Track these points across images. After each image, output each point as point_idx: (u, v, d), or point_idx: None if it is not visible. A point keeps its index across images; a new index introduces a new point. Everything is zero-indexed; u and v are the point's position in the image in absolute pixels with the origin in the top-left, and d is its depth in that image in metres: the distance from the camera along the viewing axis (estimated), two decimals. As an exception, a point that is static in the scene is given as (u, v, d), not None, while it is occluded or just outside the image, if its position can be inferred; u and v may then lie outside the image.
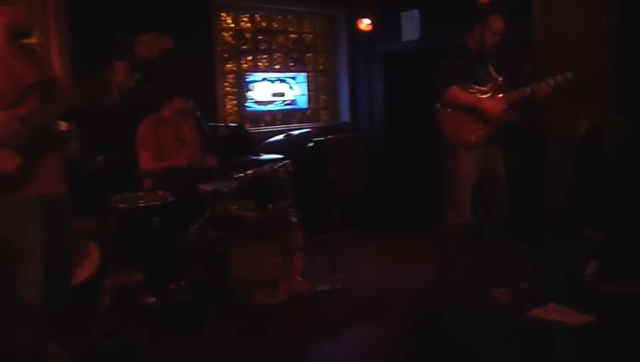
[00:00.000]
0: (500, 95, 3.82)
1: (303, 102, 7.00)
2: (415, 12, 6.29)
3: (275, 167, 4.31)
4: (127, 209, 3.79)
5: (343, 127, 7.15)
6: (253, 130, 6.43)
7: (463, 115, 3.82)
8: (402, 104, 6.53)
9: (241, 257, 3.71)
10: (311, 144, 5.96)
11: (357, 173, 6.11)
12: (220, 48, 6.16)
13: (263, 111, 6.66)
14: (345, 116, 7.30)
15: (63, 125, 2.81)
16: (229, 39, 6.32)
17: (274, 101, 6.72)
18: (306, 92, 6.98)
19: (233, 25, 6.35)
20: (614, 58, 5.12)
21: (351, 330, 3.35)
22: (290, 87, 6.86)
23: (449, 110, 3.86)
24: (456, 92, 3.80)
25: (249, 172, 4.24)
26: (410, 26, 6.39)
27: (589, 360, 2.77)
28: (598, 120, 5.13)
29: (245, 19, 6.47)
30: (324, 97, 7.35)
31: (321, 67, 7.27)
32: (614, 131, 4.94)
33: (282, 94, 6.78)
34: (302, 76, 6.96)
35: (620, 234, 3.95)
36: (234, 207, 4.05)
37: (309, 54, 7.14)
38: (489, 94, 3.83)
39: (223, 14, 6.24)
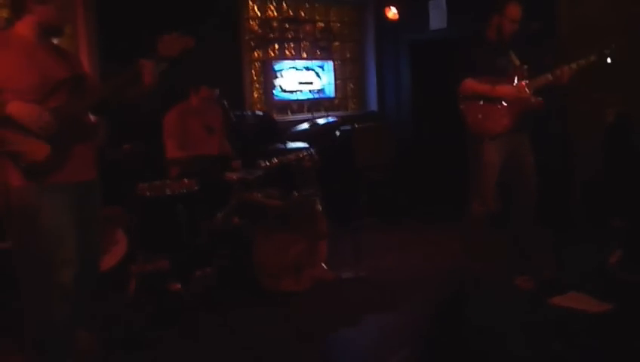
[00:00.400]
0: (524, 82, 3.78)
1: (330, 91, 7.00)
2: (442, 0, 6.23)
3: (301, 155, 4.34)
4: (153, 197, 3.86)
5: (371, 116, 7.15)
6: (281, 118, 6.46)
7: (486, 105, 3.80)
8: (429, 93, 6.49)
9: (265, 245, 3.76)
10: (338, 133, 5.98)
11: (383, 161, 6.15)
12: (246, 37, 6.20)
13: (290, 99, 6.68)
14: (372, 105, 7.29)
15: (92, 117, 2.90)
16: (256, 28, 6.35)
17: (301, 90, 6.74)
18: (333, 80, 6.98)
19: (260, 13, 6.38)
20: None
21: (373, 316, 3.39)
22: (318, 76, 6.86)
23: (470, 101, 3.85)
24: (470, 83, 3.79)
25: (275, 160, 4.28)
26: (437, 15, 6.34)
27: (608, 347, 2.75)
28: (627, 109, 5.05)
29: (272, 7, 6.49)
30: (351, 86, 7.35)
31: (348, 55, 7.26)
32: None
33: (310, 83, 6.78)
34: (329, 65, 6.95)
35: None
36: (259, 195, 4.09)
37: (337, 43, 7.13)
38: (514, 82, 3.80)
39: (250, 2, 6.27)
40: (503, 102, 3.77)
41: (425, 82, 6.69)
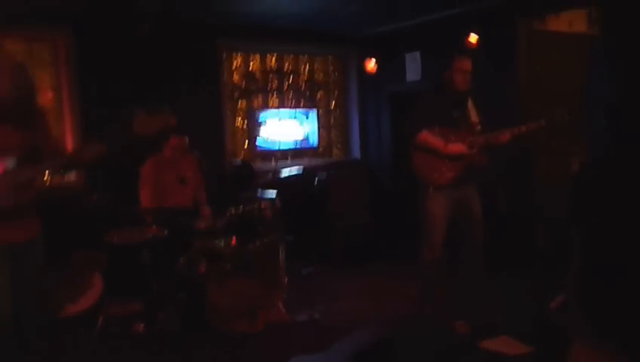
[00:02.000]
0: (470, 138, 4.00)
1: (314, 139, 7.29)
2: (417, 54, 6.55)
3: (261, 205, 4.61)
4: (119, 243, 4.15)
5: (354, 163, 7.42)
6: (264, 166, 6.75)
7: (433, 157, 4.03)
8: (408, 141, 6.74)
9: (219, 289, 4.00)
10: (315, 180, 6.27)
11: (357, 207, 6.38)
12: (229, 88, 6.57)
13: (273, 148, 6.98)
14: (356, 152, 7.57)
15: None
16: (239, 79, 6.71)
17: (285, 138, 7.04)
18: (317, 129, 7.28)
19: (243, 66, 6.75)
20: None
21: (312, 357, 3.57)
22: (302, 125, 7.16)
23: (421, 152, 4.09)
24: (424, 136, 4.03)
25: (235, 210, 4.56)
26: (413, 67, 6.65)
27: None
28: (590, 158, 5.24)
29: (256, 60, 6.86)
30: (335, 134, 7.64)
31: (332, 105, 7.58)
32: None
33: (293, 131, 7.08)
34: (313, 113, 7.26)
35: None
36: (217, 242, 4.35)
37: (320, 92, 7.46)
38: (463, 136, 4.02)
39: (233, 55, 6.64)
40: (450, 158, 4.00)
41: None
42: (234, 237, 4.41)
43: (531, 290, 4.52)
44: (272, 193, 5.14)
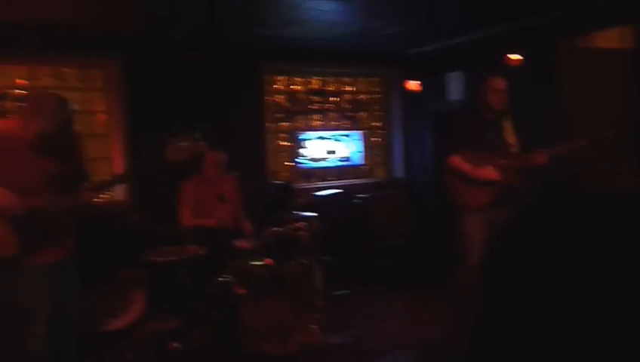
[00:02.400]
0: (504, 161, 3.93)
1: (357, 159, 7.31)
2: (459, 73, 6.49)
3: (297, 225, 4.63)
4: (158, 262, 4.26)
5: (397, 183, 7.37)
6: (305, 186, 6.80)
7: (466, 180, 3.98)
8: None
9: (252, 309, 4.04)
10: (355, 200, 6.26)
11: (398, 229, 6.33)
12: (272, 109, 6.67)
13: (316, 167, 7.03)
14: (399, 172, 7.52)
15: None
16: (282, 100, 6.81)
17: (327, 158, 7.09)
18: (360, 149, 7.30)
19: (286, 87, 6.85)
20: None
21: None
22: (344, 145, 7.20)
23: (454, 176, 4.04)
24: (456, 161, 3.98)
25: (272, 230, 4.60)
26: (455, 87, 6.59)
27: None
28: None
29: (299, 81, 6.95)
30: (378, 154, 7.63)
31: (375, 125, 7.58)
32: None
33: (335, 151, 7.13)
34: (356, 134, 7.29)
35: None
36: (252, 263, 4.39)
37: (363, 112, 7.47)
38: (499, 159, 3.95)
39: (276, 77, 6.76)
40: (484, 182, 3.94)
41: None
42: (269, 258, 4.45)
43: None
44: (310, 213, 5.16)
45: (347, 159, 7.26)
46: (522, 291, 0.75)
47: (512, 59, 5.51)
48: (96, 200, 3.18)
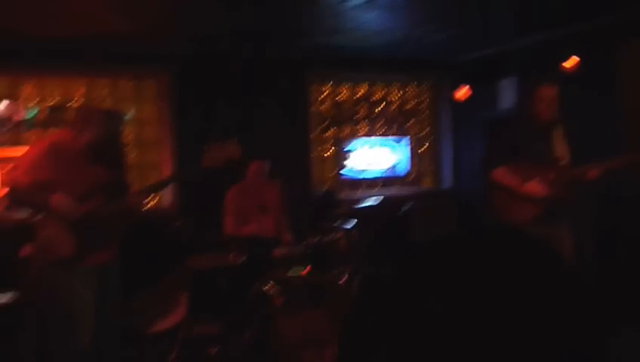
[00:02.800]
0: (552, 175, 3.73)
1: (404, 168, 7.21)
2: (511, 80, 6.31)
3: (337, 236, 4.61)
4: (199, 268, 4.34)
5: (445, 193, 7.23)
6: (350, 195, 6.77)
7: (511, 195, 3.79)
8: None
9: (288, 318, 4.04)
10: (397, 211, 6.19)
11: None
12: (317, 118, 6.69)
13: (361, 177, 6.98)
14: (447, 181, 7.38)
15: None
16: (328, 109, 6.81)
17: (373, 167, 7.03)
18: (407, 157, 7.20)
19: (332, 95, 6.86)
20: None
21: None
22: (391, 153, 7.12)
23: (497, 190, 3.88)
24: (500, 174, 3.79)
25: (312, 239, 4.60)
26: (507, 94, 6.41)
27: None
28: None
29: (345, 89, 6.93)
30: (426, 163, 7.51)
31: (423, 133, 7.46)
32: None
33: (382, 160, 7.06)
34: (404, 142, 7.20)
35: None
36: (291, 271, 4.39)
37: (412, 119, 7.38)
38: (543, 172, 3.76)
39: (322, 86, 6.78)
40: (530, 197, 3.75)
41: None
42: (307, 267, 4.44)
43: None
44: (350, 223, 5.12)
45: (393, 168, 7.18)
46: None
47: (567, 65, 5.29)
48: (143, 206, 3.33)
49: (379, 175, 7.06)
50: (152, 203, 5.83)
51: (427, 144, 7.51)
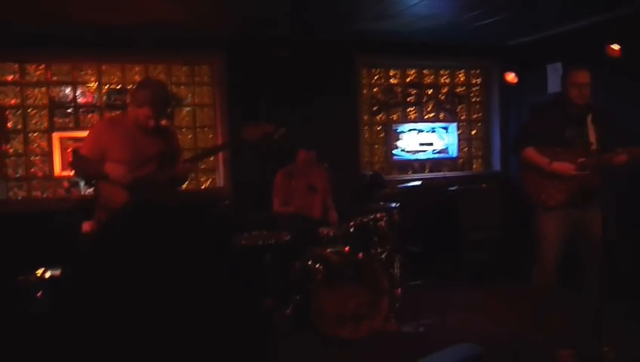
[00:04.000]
0: (580, 160, 3.79)
1: (453, 151, 7.29)
2: (558, 65, 6.27)
3: (377, 216, 4.81)
4: (245, 246, 4.65)
5: (494, 176, 7.24)
6: (400, 177, 6.92)
7: (542, 177, 3.91)
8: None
9: (327, 294, 4.30)
10: (444, 193, 6.31)
11: (487, 222, 6.29)
12: (368, 102, 6.87)
13: (410, 159, 7.11)
14: (496, 165, 7.40)
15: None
16: (378, 93, 6.96)
17: (423, 150, 7.14)
18: (456, 141, 7.27)
19: (382, 80, 7.00)
20: None
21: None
22: (441, 137, 7.21)
23: (529, 171, 3.99)
24: (530, 153, 3.93)
25: (356, 219, 4.82)
26: (554, 78, 6.36)
27: None
28: None
29: (395, 74, 7.06)
30: (476, 146, 7.55)
31: (473, 117, 7.50)
32: None
33: (431, 143, 7.16)
34: (453, 126, 7.27)
35: None
36: (332, 249, 4.64)
37: (461, 105, 7.43)
38: (573, 157, 3.84)
39: (372, 70, 6.92)
40: (559, 178, 3.84)
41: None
42: (347, 246, 4.67)
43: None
44: (392, 204, 5.30)
45: (443, 151, 7.26)
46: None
47: (612, 50, 5.25)
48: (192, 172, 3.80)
49: (428, 158, 7.17)
50: (206, 184, 6.19)
51: (476, 128, 7.53)
